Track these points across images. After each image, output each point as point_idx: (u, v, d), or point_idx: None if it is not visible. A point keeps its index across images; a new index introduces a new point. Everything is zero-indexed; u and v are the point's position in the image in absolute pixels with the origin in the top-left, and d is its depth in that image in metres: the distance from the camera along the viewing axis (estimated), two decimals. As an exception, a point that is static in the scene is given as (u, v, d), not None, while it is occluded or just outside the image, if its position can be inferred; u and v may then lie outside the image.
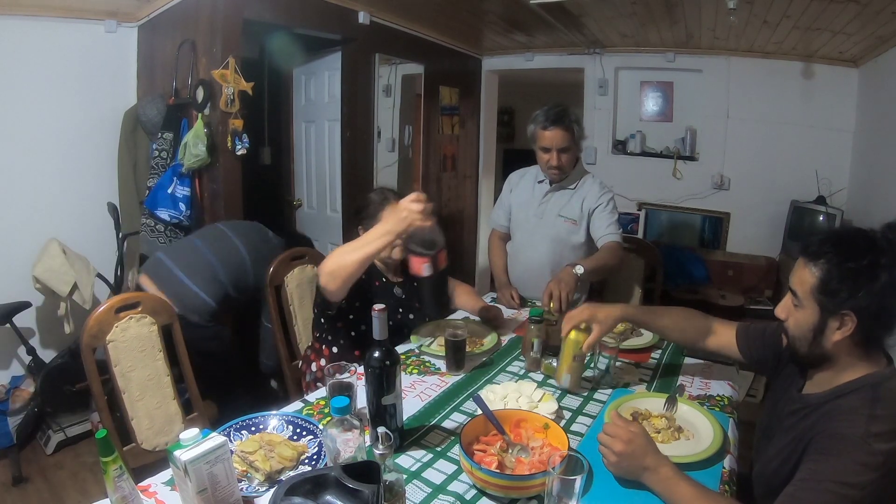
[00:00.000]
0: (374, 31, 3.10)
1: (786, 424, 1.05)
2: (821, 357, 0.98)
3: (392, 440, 0.94)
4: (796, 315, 0.99)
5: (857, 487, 0.82)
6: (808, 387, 1.05)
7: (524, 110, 6.94)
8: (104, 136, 2.63)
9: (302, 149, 3.52)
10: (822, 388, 1.00)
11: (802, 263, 0.97)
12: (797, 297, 0.98)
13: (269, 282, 1.90)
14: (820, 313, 0.94)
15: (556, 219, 2.06)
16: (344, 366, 1.23)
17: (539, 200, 2.11)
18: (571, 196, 2.07)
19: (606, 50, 3.91)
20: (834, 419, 0.90)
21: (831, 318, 0.93)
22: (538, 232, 2.10)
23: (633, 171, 3.98)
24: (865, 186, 3.12)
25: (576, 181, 2.08)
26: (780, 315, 1.03)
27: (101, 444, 0.86)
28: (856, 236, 0.94)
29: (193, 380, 1.60)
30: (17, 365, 2.53)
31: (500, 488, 0.97)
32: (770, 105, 3.55)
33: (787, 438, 1.01)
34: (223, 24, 2.35)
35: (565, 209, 2.07)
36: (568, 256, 2.04)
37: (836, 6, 2.35)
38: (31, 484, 2.19)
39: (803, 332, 0.98)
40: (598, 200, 2.03)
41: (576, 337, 1.33)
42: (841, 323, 0.93)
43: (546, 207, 2.09)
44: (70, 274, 2.32)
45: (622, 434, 1.00)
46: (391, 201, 1.66)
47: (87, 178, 2.62)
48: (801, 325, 0.98)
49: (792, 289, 0.99)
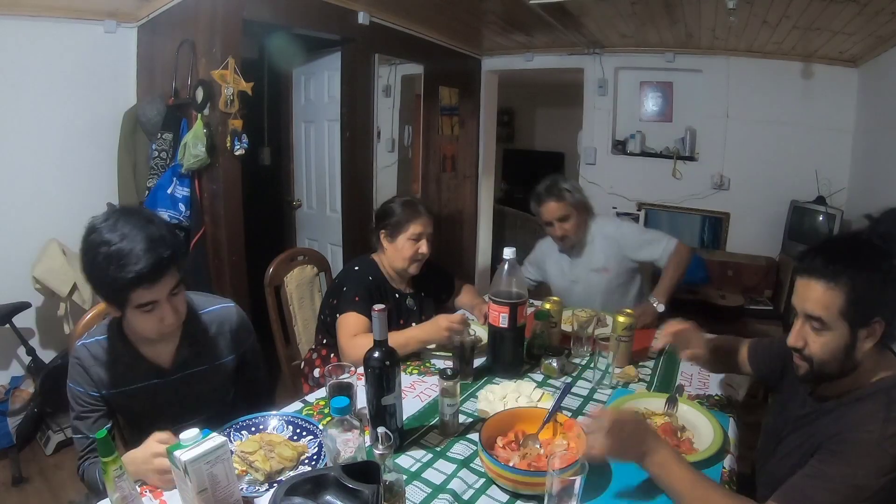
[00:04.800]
0: (373, 32, 3.10)
1: (797, 427, 1.04)
2: (850, 370, 0.95)
3: (392, 440, 0.94)
4: (820, 340, 0.94)
5: (868, 490, 0.82)
6: (820, 390, 1.03)
7: (524, 110, 6.95)
8: (104, 137, 2.63)
9: (301, 149, 3.51)
10: (836, 392, 0.99)
11: (819, 287, 0.92)
12: (822, 321, 0.92)
13: (269, 282, 1.90)
14: (850, 330, 0.91)
15: (590, 275, 2.09)
16: (344, 366, 1.23)
17: (568, 268, 2.15)
18: (591, 248, 2.10)
19: (606, 50, 3.91)
20: (849, 423, 0.90)
21: (861, 330, 0.91)
22: (584, 294, 2.12)
23: (632, 171, 3.98)
24: (865, 186, 3.13)
25: (589, 234, 2.11)
26: (797, 344, 0.97)
27: (101, 444, 0.86)
28: (859, 244, 0.94)
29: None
30: (17, 365, 2.53)
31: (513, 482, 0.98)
32: (770, 105, 3.55)
33: (798, 441, 1.01)
34: (223, 24, 2.35)
35: (592, 262, 2.10)
36: (627, 295, 2.09)
37: (836, 6, 2.35)
38: (30, 484, 2.19)
39: (834, 354, 0.93)
40: (624, 236, 2.05)
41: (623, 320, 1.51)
42: (870, 332, 0.91)
43: (577, 272, 2.14)
44: (70, 274, 2.31)
45: (615, 414, 0.99)
46: (422, 214, 1.74)
47: (87, 178, 2.62)
48: (829, 347, 0.93)
49: (812, 315, 0.93)
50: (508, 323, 1.44)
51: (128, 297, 1.02)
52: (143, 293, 1.02)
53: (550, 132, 6.79)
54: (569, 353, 1.63)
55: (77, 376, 1.14)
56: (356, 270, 1.76)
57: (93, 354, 1.14)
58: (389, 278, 1.80)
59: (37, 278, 2.30)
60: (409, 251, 1.72)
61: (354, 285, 1.70)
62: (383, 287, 1.77)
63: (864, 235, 0.95)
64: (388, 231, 1.74)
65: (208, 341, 1.24)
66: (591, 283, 2.11)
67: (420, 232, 1.73)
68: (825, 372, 0.96)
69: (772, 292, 3.49)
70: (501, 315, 1.43)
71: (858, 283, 0.89)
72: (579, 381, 1.50)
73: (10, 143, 2.38)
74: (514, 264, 1.46)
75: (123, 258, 0.98)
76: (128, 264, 0.98)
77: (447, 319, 1.50)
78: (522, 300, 1.45)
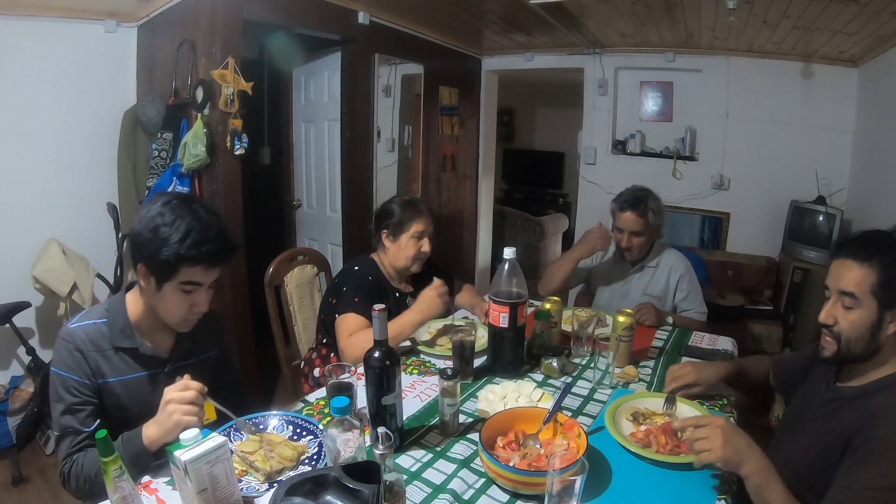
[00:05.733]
0: (373, 32, 3.10)
1: (819, 416, 1.07)
2: (872, 353, 1.01)
3: (392, 440, 0.95)
4: (850, 316, 1.01)
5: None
6: (843, 379, 1.08)
7: (524, 110, 6.96)
8: (104, 136, 2.62)
9: (301, 149, 3.51)
10: (859, 381, 1.04)
11: (854, 265, 1.00)
12: (854, 297, 0.99)
13: (269, 282, 1.90)
14: (878, 309, 0.98)
15: (642, 297, 2.09)
16: (344, 366, 1.23)
17: (623, 280, 2.15)
18: (654, 274, 2.11)
19: (606, 50, 3.91)
20: (873, 416, 0.93)
21: (888, 312, 0.98)
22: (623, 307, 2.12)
23: (632, 171, 3.96)
24: (865, 186, 3.13)
25: (656, 258, 2.12)
26: (828, 321, 1.04)
27: (100, 444, 0.86)
28: (888, 237, 1.02)
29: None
30: (17, 365, 2.53)
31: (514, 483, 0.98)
32: (770, 105, 3.55)
33: (823, 430, 1.03)
34: (223, 24, 2.35)
35: (649, 287, 2.11)
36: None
37: (836, 6, 2.35)
38: (30, 484, 2.19)
39: (860, 331, 1.00)
40: (682, 279, 2.08)
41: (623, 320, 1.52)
42: (894, 316, 0.98)
43: (629, 287, 2.14)
44: (70, 274, 2.31)
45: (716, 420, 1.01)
46: (424, 213, 1.76)
47: (87, 178, 2.62)
48: (857, 325, 1.00)
49: (845, 291, 1.00)
50: (508, 323, 1.44)
51: (180, 269, 1.05)
52: (197, 272, 1.07)
53: (550, 132, 6.80)
54: (569, 353, 1.63)
55: (72, 363, 1.07)
56: (356, 270, 1.77)
57: (91, 339, 1.10)
58: (389, 278, 1.81)
59: (37, 278, 2.30)
60: (412, 249, 1.73)
61: (354, 286, 1.70)
62: (383, 287, 1.77)
63: (894, 233, 1.03)
64: (391, 230, 1.75)
65: (199, 334, 1.24)
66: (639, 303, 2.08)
67: (422, 230, 1.74)
68: (851, 351, 1.02)
69: (772, 292, 3.49)
70: (501, 315, 1.44)
71: (888, 266, 0.97)
72: (579, 381, 1.50)
73: (11, 143, 2.38)
74: (515, 264, 1.46)
75: (202, 233, 1.04)
76: (204, 241, 1.04)
77: (432, 289, 1.56)
78: (522, 300, 1.45)
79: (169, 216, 1.05)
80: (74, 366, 1.07)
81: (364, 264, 1.80)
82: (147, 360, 1.15)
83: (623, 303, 2.13)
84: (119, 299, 1.16)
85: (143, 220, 1.06)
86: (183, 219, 1.04)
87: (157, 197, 1.10)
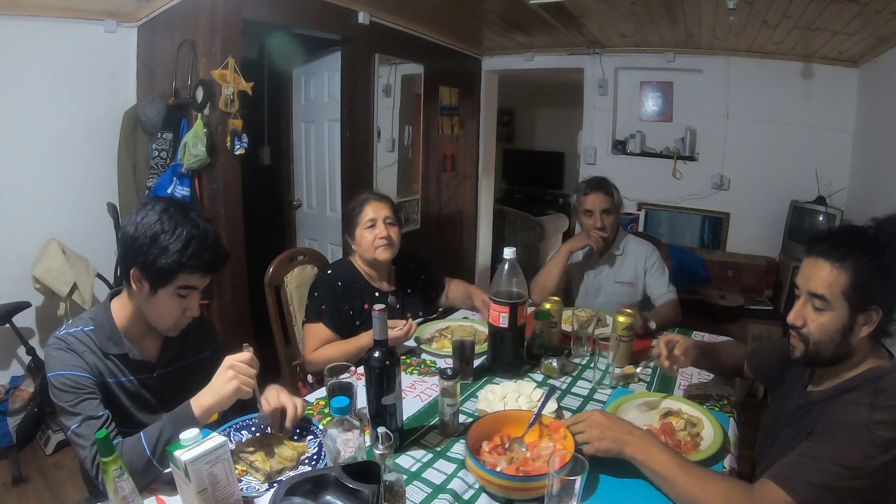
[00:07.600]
0: (373, 32, 3.10)
1: (793, 420, 1.06)
2: (844, 356, 0.98)
3: (392, 440, 0.95)
4: (820, 319, 0.97)
5: (858, 472, 0.84)
6: (813, 384, 1.07)
7: (524, 110, 6.95)
8: (104, 136, 2.63)
9: (301, 149, 3.51)
10: (828, 385, 1.02)
11: (826, 265, 0.95)
12: (824, 299, 0.96)
13: (269, 282, 1.90)
14: (850, 312, 0.95)
15: (614, 286, 2.13)
16: (344, 366, 1.23)
17: (594, 274, 2.18)
18: (622, 261, 2.14)
19: (606, 50, 3.91)
20: (836, 409, 0.92)
21: (860, 315, 0.95)
22: (598, 301, 2.15)
23: (632, 171, 3.97)
24: (865, 186, 3.12)
25: (620, 246, 2.15)
26: (797, 322, 1.01)
27: (101, 443, 0.86)
28: (865, 235, 0.97)
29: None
30: (17, 365, 2.53)
31: (503, 489, 0.97)
32: (770, 105, 3.55)
33: (793, 433, 1.02)
34: (223, 24, 2.35)
35: (619, 275, 2.13)
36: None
37: (836, 6, 2.35)
38: (30, 484, 2.19)
39: (830, 334, 0.97)
40: (649, 261, 2.11)
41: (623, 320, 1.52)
42: (867, 319, 0.95)
43: (601, 279, 2.16)
44: (70, 274, 2.31)
45: (592, 416, 1.05)
46: (369, 200, 1.76)
47: (87, 178, 2.62)
48: (827, 327, 0.97)
49: (815, 293, 0.97)
50: (508, 323, 1.44)
51: (178, 276, 1.07)
52: (193, 278, 1.09)
53: (550, 132, 6.79)
54: (569, 353, 1.63)
55: (69, 361, 1.06)
56: (328, 275, 1.77)
57: (82, 342, 1.10)
58: (368, 277, 1.79)
59: (36, 278, 2.30)
60: (368, 239, 1.72)
61: (322, 292, 1.70)
62: (360, 288, 1.76)
63: (871, 230, 0.98)
64: (348, 229, 1.78)
65: (188, 337, 1.24)
66: (612, 293, 2.13)
67: (372, 217, 1.72)
68: (820, 353, 0.99)
69: (772, 292, 3.49)
70: (501, 315, 1.44)
71: (862, 268, 0.93)
72: (579, 380, 1.50)
73: (11, 143, 2.38)
74: (515, 264, 1.46)
75: (202, 242, 1.07)
76: (204, 250, 1.07)
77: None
78: (522, 300, 1.45)
79: (168, 224, 1.05)
80: (73, 363, 1.06)
81: (338, 267, 1.82)
82: (136, 364, 1.15)
83: (598, 296, 2.17)
84: (104, 307, 1.16)
85: (140, 227, 1.06)
86: (182, 227, 1.06)
87: (152, 202, 1.10)
